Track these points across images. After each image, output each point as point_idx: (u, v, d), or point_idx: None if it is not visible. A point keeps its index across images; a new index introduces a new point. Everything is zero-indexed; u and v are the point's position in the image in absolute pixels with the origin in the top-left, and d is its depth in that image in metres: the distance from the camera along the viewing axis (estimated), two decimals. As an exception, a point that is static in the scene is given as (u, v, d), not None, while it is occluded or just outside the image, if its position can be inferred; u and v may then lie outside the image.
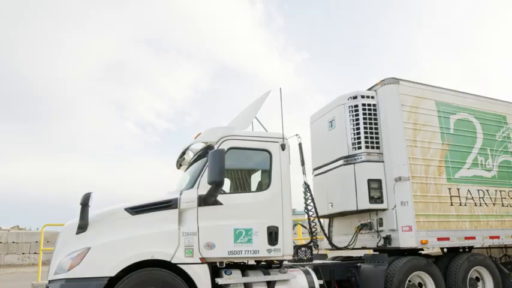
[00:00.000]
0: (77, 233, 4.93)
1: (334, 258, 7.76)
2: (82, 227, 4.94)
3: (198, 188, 5.40)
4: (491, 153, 7.96)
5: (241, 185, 6.11)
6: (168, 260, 4.94)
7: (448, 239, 6.89)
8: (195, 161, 6.19)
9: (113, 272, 4.63)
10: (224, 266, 5.46)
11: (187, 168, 6.53)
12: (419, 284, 6.57)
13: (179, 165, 6.96)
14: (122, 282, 4.63)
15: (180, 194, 5.36)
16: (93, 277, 4.58)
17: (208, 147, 5.84)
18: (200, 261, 5.11)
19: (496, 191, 7.76)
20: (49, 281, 4.85)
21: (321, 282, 6.05)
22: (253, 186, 6.10)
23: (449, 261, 6.98)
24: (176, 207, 5.23)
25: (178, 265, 4.98)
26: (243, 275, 5.45)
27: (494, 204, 7.64)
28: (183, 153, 6.62)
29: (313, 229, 6.75)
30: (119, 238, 4.89)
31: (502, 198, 7.79)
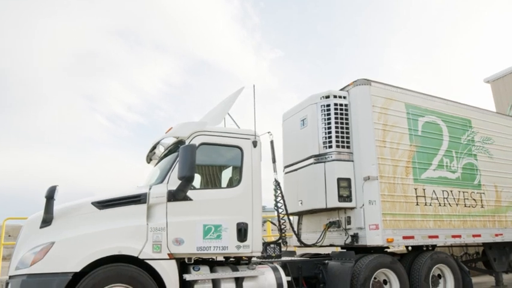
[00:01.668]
0: (40, 227, 4.79)
1: (302, 255, 7.84)
2: (46, 220, 4.80)
3: (168, 183, 5.35)
4: (456, 155, 8.22)
5: (211, 181, 6.09)
6: (136, 255, 4.87)
7: (413, 237, 7.08)
8: (166, 155, 6.12)
9: (77, 268, 4.53)
10: (192, 262, 5.44)
11: (157, 163, 6.45)
12: (384, 281, 6.73)
13: (149, 159, 6.86)
14: (87, 277, 4.53)
15: (150, 188, 5.29)
16: (57, 272, 4.46)
17: (179, 142, 5.79)
18: (168, 257, 5.07)
19: (459, 192, 8.03)
20: (9, 276, 4.69)
21: (289, 278, 6.10)
22: (224, 183, 6.09)
23: (414, 259, 7.17)
24: (145, 202, 5.16)
25: (146, 261, 4.92)
26: (212, 271, 5.45)
27: (457, 205, 7.90)
28: (154, 147, 6.53)
29: (283, 226, 6.81)
30: (84, 233, 4.78)
31: (464, 199, 8.06)
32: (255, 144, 5.95)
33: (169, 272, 4.99)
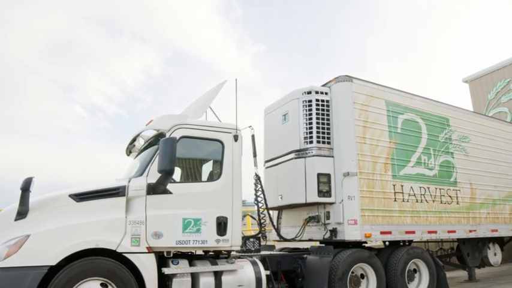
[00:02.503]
0: (15, 220, 4.69)
1: (281, 250, 7.88)
2: (21, 213, 4.70)
3: (147, 176, 5.29)
4: (433, 153, 8.37)
5: (192, 174, 6.06)
6: (113, 249, 4.81)
7: (390, 233, 7.20)
8: (146, 148, 6.05)
9: (53, 261, 4.45)
10: (171, 255, 5.42)
11: (137, 156, 6.38)
12: (362, 275, 6.83)
13: (129, 152, 6.78)
14: (63, 271, 4.46)
15: (129, 181, 5.23)
16: (32, 266, 4.38)
17: (159, 135, 5.73)
18: (147, 251, 5.03)
19: (436, 188, 8.19)
20: (-17, 269, 4.58)
21: (268, 272, 6.13)
22: (204, 176, 6.07)
23: (390, 254, 7.30)
24: (124, 195, 5.10)
25: (124, 254, 4.87)
26: (191, 265, 5.43)
27: (433, 201, 8.06)
28: (134, 139, 6.45)
29: (262, 221, 6.83)
30: (61, 225, 4.70)
31: (441, 195, 8.23)
32: (236, 138, 5.94)
33: (147, 266, 4.96)
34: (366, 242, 7.39)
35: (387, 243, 7.97)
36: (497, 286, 9.40)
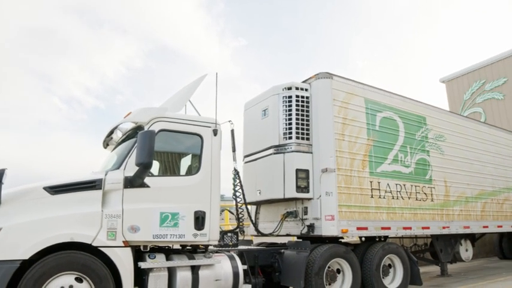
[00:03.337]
0: (-14, 212, 4.56)
1: (259, 244, 7.93)
2: (-7, 205, 4.58)
3: (124, 169, 5.23)
4: (410, 151, 8.53)
5: (170, 168, 6.01)
6: (89, 242, 4.75)
7: (366, 228, 7.31)
8: (124, 141, 5.98)
9: (26, 255, 4.36)
10: (148, 250, 5.37)
11: (114, 148, 6.28)
12: (338, 270, 6.92)
13: (106, 144, 6.68)
14: (36, 265, 4.38)
15: (105, 174, 5.16)
16: (4, 260, 4.29)
17: (138, 128, 5.66)
18: (123, 245, 4.98)
19: (411, 186, 8.35)
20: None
21: (245, 267, 6.16)
22: (183, 170, 6.03)
23: (366, 249, 7.42)
24: (100, 188, 5.03)
25: (100, 248, 4.81)
26: (168, 259, 5.40)
27: (409, 198, 8.22)
28: (111, 132, 6.35)
29: (240, 215, 6.84)
30: (35, 218, 4.61)
31: (416, 192, 8.40)
32: (215, 132, 5.92)
33: (123, 260, 4.90)
34: (342, 238, 7.49)
35: (363, 238, 8.10)
36: (467, 281, 9.68)
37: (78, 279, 4.59)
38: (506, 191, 11.15)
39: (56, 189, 4.90)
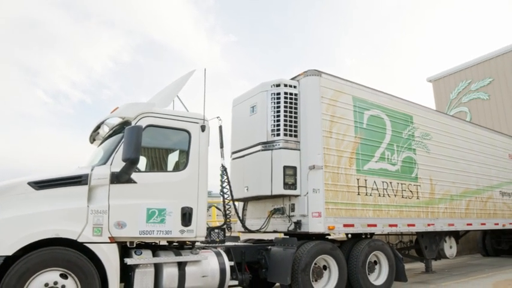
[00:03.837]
0: (-31, 207, 4.49)
1: (246, 241, 7.94)
2: (-24, 200, 4.51)
3: (111, 164, 5.19)
4: (397, 149, 8.61)
5: (157, 164, 5.98)
6: (74, 238, 4.71)
7: (353, 225, 7.36)
8: (110, 136, 5.92)
9: (9, 251, 4.30)
10: (135, 246, 5.35)
11: (101, 144, 6.22)
12: (324, 267, 6.97)
13: (92, 139, 6.61)
14: (20, 262, 4.32)
15: (92, 169, 5.11)
16: (-13, 255, 4.22)
17: (125, 123, 5.62)
18: (109, 241, 4.94)
19: (398, 183, 8.43)
20: None
21: (232, 263, 6.16)
22: (170, 166, 6.00)
23: (352, 246, 7.47)
24: (86, 184, 4.98)
25: (85, 244, 4.77)
26: (154, 255, 5.38)
27: (395, 196, 8.30)
28: (98, 127, 6.29)
29: (228, 212, 6.84)
30: (19, 214, 4.55)
31: (402, 190, 8.49)
32: (203, 128, 5.90)
33: (109, 256, 4.87)
34: (329, 234, 7.54)
35: (350, 235, 8.15)
36: (451, 277, 9.83)
37: (63, 276, 4.55)
38: (490, 190, 11.34)
39: (40, 185, 4.84)
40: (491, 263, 13.06)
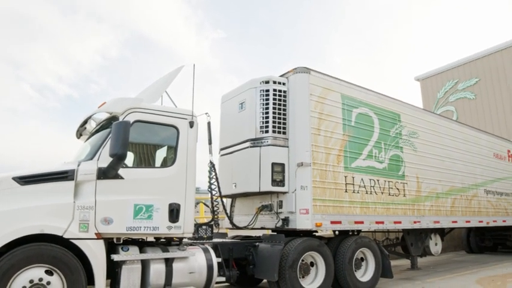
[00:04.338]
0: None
1: (233, 238, 7.94)
2: (-41, 196, 4.43)
3: (98, 160, 5.15)
4: (384, 147, 8.67)
5: (145, 159, 5.94)
6: (60, 234, 4.67)
7: (340, 222, 7.41)
8: (98, 131, 5.86)
9: None
10: (121, 242, 5.32)
11: (87, 139, 6.16)
12: (311, 263, 7.01)
13: (79, 134, 6.55)
14: (4, 258, 4.28)
15: (78, 165, 5.06)
16: (-30, 251, 4.16)
17: (112, 118, 5.57)
18: (96, 237, 4.91)
19: (385, 181, 8.50)
20: None
21: (219, 260, 6.17)
22: (158, 162, 5.97)
23: (339, 243, 7.53)
24: (72, 179, 4.94)
25: (71, 240, 4.73)
26: (141, 251, 5.36)
27: (382, 193, 8.37)
28: (85, 122, 6.22)
29: (215, 208, 6.83)
30: (3, 210, 4.49)
31: (389, 188, 8.56)
32: (191, 124, 5.87)
33: (96, 252, 4.84)
34: (316, 231, 7.58)
35: (337, 232, 8.21)
36: (436, 274, 9.96)
37: (49, 272, 4.51)
38: (475, 188, 11.50)
39: (26, 180, 4.78)
40: (475, 259, 13.28)
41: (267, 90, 7.29)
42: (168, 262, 5.42)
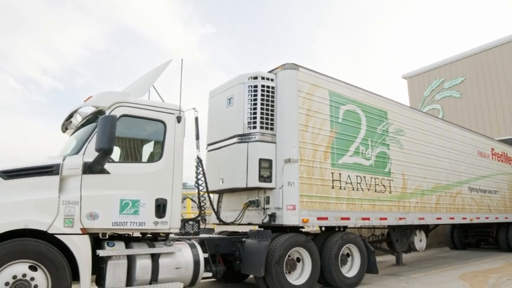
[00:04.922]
0: None
1: (220, 233, 7.95)
2: None
3: (84, 154, 5.09)
4: (371, 144, 8.74)
5: (131, 154, 5.89)
6: (44, 229, 4.62)
7: (326, 218, 7.46)
8: (83, 125, 5.79)
9: None
10: (107, 237, 5.28)
11: (73, 133, 6.08)
12: (298, 259, 7.04)
13: (65, 128, 6.46)
14: None
15: (63, 159, 5.00)
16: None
17: (99, 112, 5.51)
18: (81, 232, 4.86)
19: (371, 178, 8.57)
20: None
21: (206, 255, 6.16)
22: (144, 157, 5.93)
23: (326, 239, 7.57)
24: (57, 174, 4.88)
25: (56, 235, 4.68)
26: (127, 247, 5.33)
27: (368, 190, 8.44)
28: (71, 115, 6.14)
29: (202, 204, 6.81)
30: (-14, 204, 4.41)
31: (375, 184, 8.64)
32: (179, 119, 5.84)
33: (81, 248, 4.80)
34: (303, 227, 7.62)
35: (323, 228, 8.26)
36: (421, 269, 10.10)
37: (33, 268, 4.46)
38: (459, 185, 11.67)
39: (9, 174, 4.71)
40: (458, 255, 13.50)
41: (255, 86, 7.28)
42: (155, 257, 5.39)
